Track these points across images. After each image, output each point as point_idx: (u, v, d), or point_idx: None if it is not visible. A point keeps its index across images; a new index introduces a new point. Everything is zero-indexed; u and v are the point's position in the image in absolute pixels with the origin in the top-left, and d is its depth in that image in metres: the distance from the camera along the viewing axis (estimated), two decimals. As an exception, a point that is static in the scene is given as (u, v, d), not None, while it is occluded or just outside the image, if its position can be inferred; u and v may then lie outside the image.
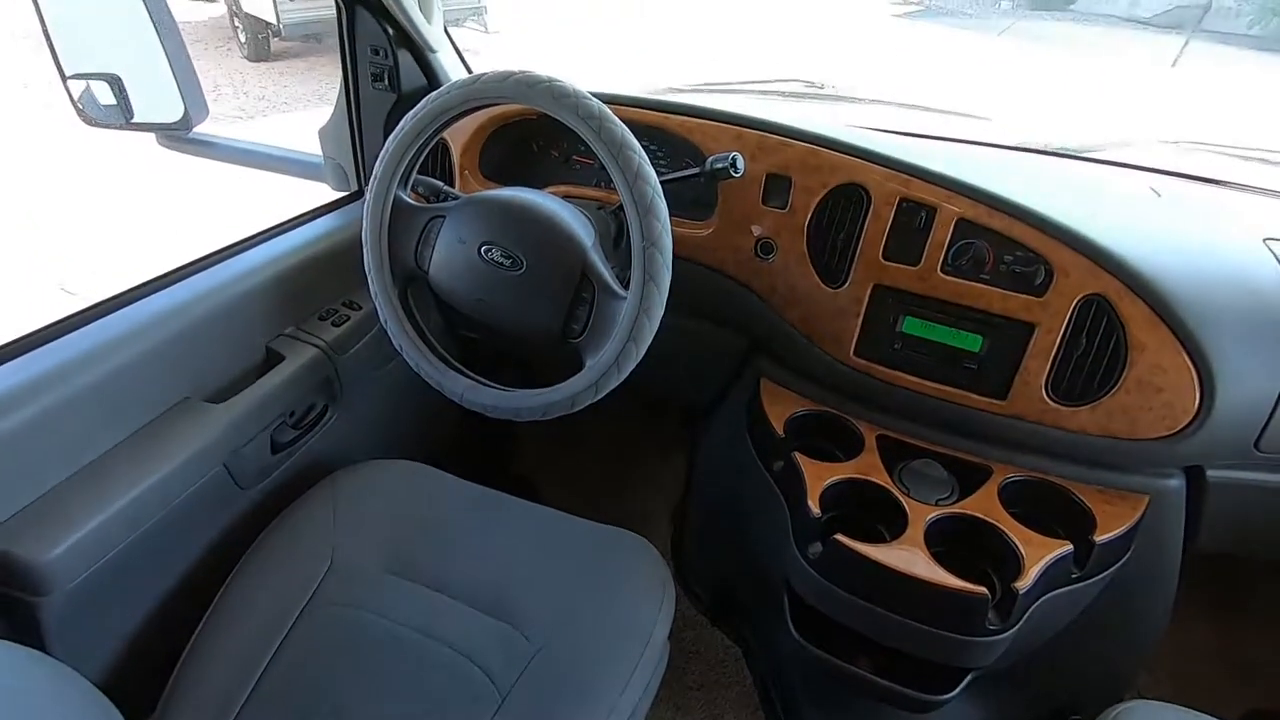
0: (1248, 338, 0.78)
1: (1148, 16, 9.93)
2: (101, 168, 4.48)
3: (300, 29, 6.40)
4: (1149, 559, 0.90)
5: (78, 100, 1.22)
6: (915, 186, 0.87)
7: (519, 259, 0.80)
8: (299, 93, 6.08)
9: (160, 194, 4.16)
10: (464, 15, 6.95)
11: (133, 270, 0.96)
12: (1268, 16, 8.92)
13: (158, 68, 1.15)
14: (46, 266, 3.60)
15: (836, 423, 0.96)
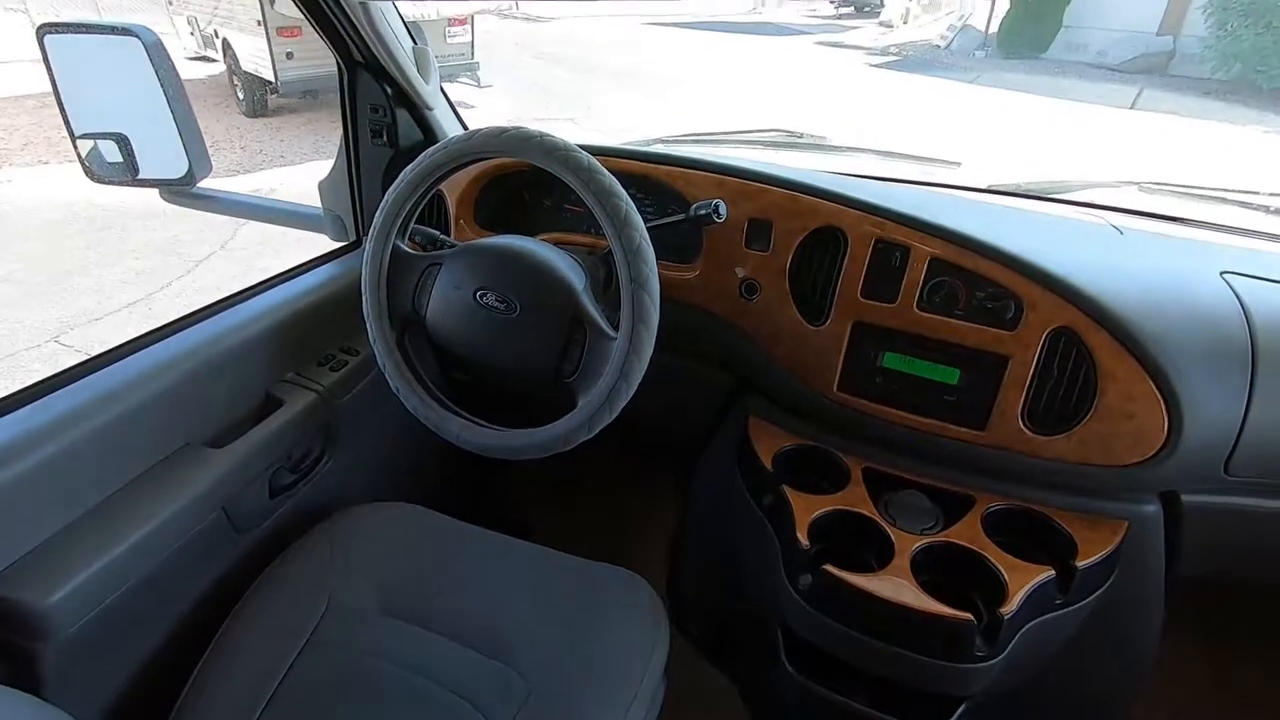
0: (1209, 367, 0.82)
1: (1116, 64, 10.35)
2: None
3: (297, 86, 6.60)
4: (1132, 584, 0.92)
5: (85, 158, 1.26)
6: (889, 228, 0.92)
7: (513, 303, 0.84)
8: (296, 148, 6.23)
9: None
10: (458, 70, 7.18)
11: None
12: (1230, 63, 9.29)
13: (163, 126, 1.20)
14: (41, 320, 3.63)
15: (823, 456, 0.99)
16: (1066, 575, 0.83)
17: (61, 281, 4.05)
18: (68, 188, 5.38)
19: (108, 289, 3.98)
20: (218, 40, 7.52)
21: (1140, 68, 10.18)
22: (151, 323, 0.98)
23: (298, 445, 1.03)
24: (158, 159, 1.24)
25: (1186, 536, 0.92)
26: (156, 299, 3.91)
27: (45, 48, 1.19)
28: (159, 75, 1.16)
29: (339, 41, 1.04)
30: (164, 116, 1.19)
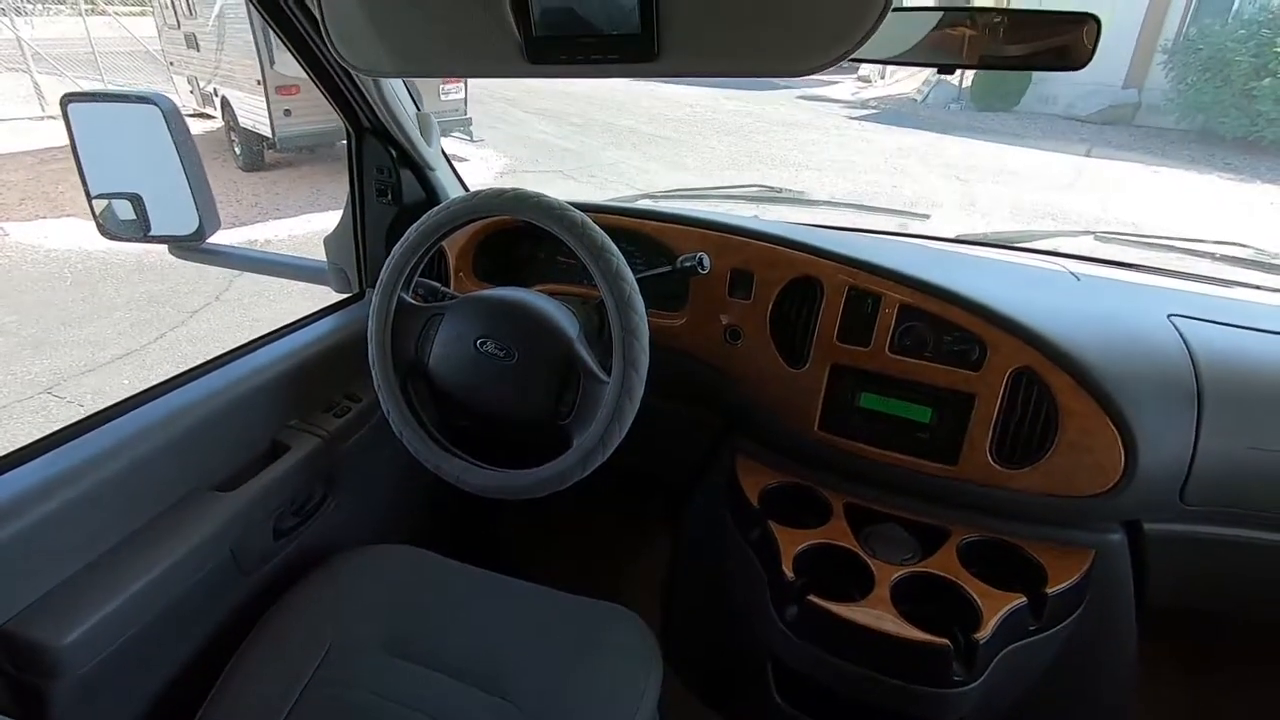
0: (1159, 403, 0.88)
1: (1084, 115, 10.79)
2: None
3: (293, 142, 6.77)
4: (1104, 611, 0.97)
5: (100, 216, 1.32)
6: (861, 278, 0.99)
7: (512, 350, 0.89)
8: (291, 201, 6.34)
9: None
10: (452, 126, 7.39)
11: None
12: (1193, 114, 9.71)
13: (176, 185, 1.27)
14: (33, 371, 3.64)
15: (807, 492, 1.04)
16: (1038, 602, 0.88)
17: (55, 333, 4.08)
18: (63, 241, 5.46)
19: (101, 340, 4.01)
20: (216, 98, 7.72)
21: (1108, 119, 10.62)
22: (145, 373, 1.02)
23: (301, 489, 1.06)
24: (169, 217, 1.30)
25: (1152, 565, 0.97)
26: (150, 350, 3.94)
27: (68, 116, 1.26)
28: (174, 138, 1.23)
29: (348, 109, 1.12)
30: (177, 176, 1.26)
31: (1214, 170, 8.31)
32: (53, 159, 7.84)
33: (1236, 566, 0.99)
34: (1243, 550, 0.96)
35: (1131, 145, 9.41)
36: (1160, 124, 10.15)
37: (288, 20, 0.95)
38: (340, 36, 0.72)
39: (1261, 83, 8.60)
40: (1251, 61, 8.71)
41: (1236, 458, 0.88)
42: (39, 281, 4.81)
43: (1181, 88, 9.71)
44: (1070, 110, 10.90)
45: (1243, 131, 8.94)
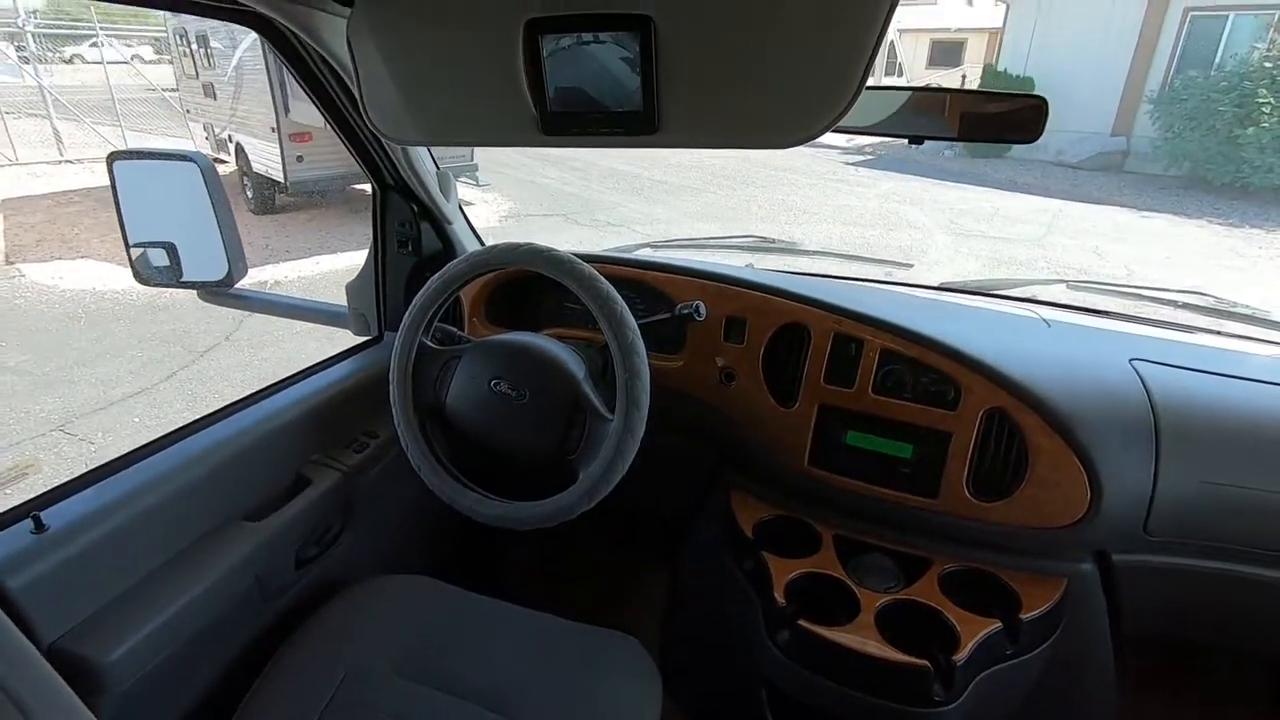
0: (1121, 441, 0.96)
1: (1075, 162, 11.08)
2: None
3: (304, 186, 6.98)
4: (1081, 638, 1.02)
5: (135, 263, 1.41)
6: (846, 324, 1.07)
7: (523, 390, 0.97)
8: (301, 243, 6.50)
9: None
10: (459, 171, 7.61)
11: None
12: (1180, 161, 9.97)
13: (208, 234, 1.36)
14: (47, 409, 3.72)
15: (798, 524, 1.10)
16: (1013, 627, 0.94)
17: (68, 372, 4.16)
18: (78, 281, 5.59)
19: (113, 379, 4.09)
20: (231, 144, 7.97)
21: (1098, 165, 10.90)
22: (155, 411, 1.09)
23: (322, 520, 1.13)
24: (200, 263, 1.39)
25: (1123, 593, 1.03)
26: (160, 389, 4.02)
27: (113, 171, 1.36)
28: (210, 192, 1.33)
29: (374, 168, 1.22)
30: (210, 227, 1.35)
31: (1203, 215, 8.51)
32: (69, 202, 8.06)
33: (1204, 596, 1.05)
34: (1208, 580, 1.02)
35: (1122, 191, 9.64)
36: (1149, 170, 10.42)
37: (326, 93, 1.05)
38: (376, 111, 0.82)
39: (1246, 131, 8.86)
40: (1235, 111, 8.99)
41: (1194, 493, 0.95)
42: (53, 321, 4.92)
43: (1168, 135, 9.99)
44: (1060, 157, 11.19)
45: (1229, 178, 9.18)
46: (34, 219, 7.34)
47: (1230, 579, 1.01)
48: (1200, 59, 10.15)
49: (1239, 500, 0.95)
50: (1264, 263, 6.86)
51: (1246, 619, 1.08)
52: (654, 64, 0.71)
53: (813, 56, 0.68)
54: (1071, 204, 8.84)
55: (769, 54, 0.69)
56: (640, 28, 0.70)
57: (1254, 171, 8.93)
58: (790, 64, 0.69)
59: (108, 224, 7.13)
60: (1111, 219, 8.30)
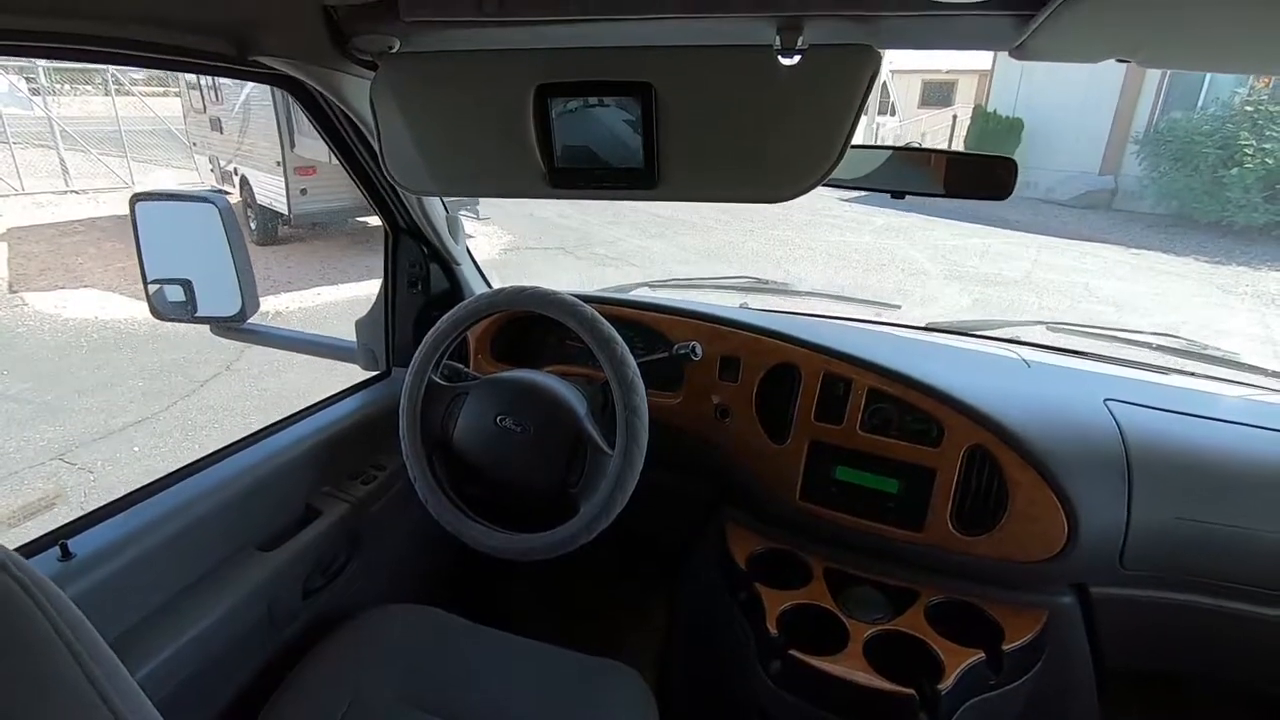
0: (1096, 479, 1.01)
1: (1065, 200, 11.30)
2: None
3: (308, 218, 7.10)
4: (1063, 670, 1.06)
5: (152, 298, 1.47)
6: (834, 364, 1.13)
7: (527, 426, 1.02)
8: (303, 274, 6.58)
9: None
10: (460, 204, 7.74)
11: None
12: (1167, 199, 10.19)
13: (223, 271, 1.41)
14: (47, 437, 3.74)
15: (790, 557, 1.15)
16: (996, 657, 0.97)
17: (69, 401, 4.19)
18: (80, 310, 5.65)
19: (113, 408, 4.11)
20: (236, 177, 8.11)
21: (1087, 203, 11.12)
22: (155, 440, 1.12)
23: (330, 551, 1.17)
24: (215, 299, 1.45)
25: (1102, 626, 1.07)
26: (161, 418, 4.05)
27: (135, 211, 1.42)
28: (226, 232, 1.39)
29: (388, 212, 1.28)
30: (225, 264, 1.41)
31: (1190, 253, 8.67)
32: (72, 231, 8.15)
33: (1183, 629, 1.09)
34: (1186, 613, 1.06)
35: (1111, 228, 9.83)
36: (1137, 208, 10.64)
37: (345, 144, 1.12)
38: (395, 163, 0.89)
39: (1230, 172, 9.09)
40: (1219, 153, 9.23)
41: (1166, 528, 1.00)
42: (55, 350, 4.96)
43: (1155, 175, 10.24)
44: (1050, 195, 11.41)
45: (1214, 216, 9.37)
46: (38, 248, 7.41)
47: (1207, 612, 1.05)
48: (1184, 101, 10.44)
49: (1210, 536, 1.00)
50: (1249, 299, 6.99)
51: (1227, 652, 1.12)
52: (654, 126, 0.77)
53: (801, 119, 0.75)
54: (1061, 241, 9.01)
55: (760, 117, 0.76)
56: (641, 93, 0.77)
57: (1238, 210, 9.13)
58: (780, 126, 0.76)
59: (110, 254, 7.22)
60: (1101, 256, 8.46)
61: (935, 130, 14.20)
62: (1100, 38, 0.66)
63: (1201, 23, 0.60)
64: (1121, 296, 6.77)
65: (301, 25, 0.81)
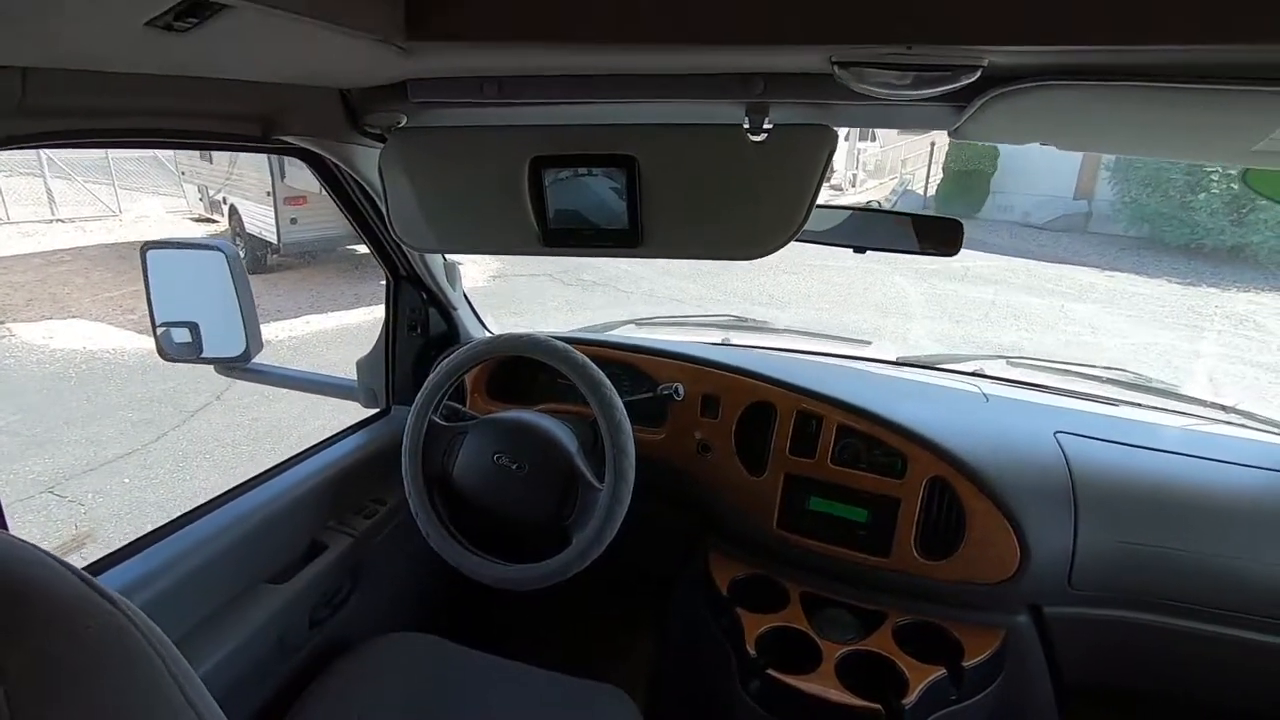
0: (1045, 506, 1.10)
1: (1040, 223, 11.59)
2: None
3: (298, 247, 7.17)
4: (1021, 685, 1.14)
5: (159, 340, 1.54)
6: (807, 402, 1.22)
7: (523, 464, 1.10)
8: (292, 302, 6.64)
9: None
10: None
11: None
12: (1139, 223, 10.49)
13: (229, 314, 1.49)
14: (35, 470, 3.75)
15: (768, 582, 1.23)
16: (957, 674, 1.06)
17: (58, 433, 4.20)
18: (68, 341, 5.66)
19: (103, 440, 4.13)
20: (225, 206, 8.18)
21: (1062, 226, 11.41)
22: (145, 472, 1.18)
23: (335, 582, 1.23)
24: (220, 341, 1.52)
25: (1057, 643, 1.16)
26: (151, 449, 4.07)
27: (145, 260, 1.49)
28: (233, 278, 1.47)
29: (389, 261, 1.37)
30: (232, 307, 1.49)
31: (1162, 275, 8.93)
32: (59, 261, 8.15)
33: (1134, 646, 1.18)
34: (1135, 630, 1.15)
35: (1086, 251, 10.10)
36: (1110, 231, 10.93)
37: (353, 204, 1.21)
38: (400, 224, 0.98)
39: (1198, 197, 9.40)
40: (1186, 179, 9.55)
41: (1110, 551, 1.09)
42: (43, 381, 4.97)
43: (1126, 199, 10.55)
44: (1027, 218, 11.70)
45: (1184, 239, 9.67)
46: (24, 278, 7.42)
47: (1154, 629, 1.14)
48: (1152, 128, 10.76)
49: (1150, 558, 1.09)
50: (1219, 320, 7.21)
51: (1176, 668, 1.20)
52: (637, 192, 0.87)
53: (769, 188, 0.85)
54: (1038, 264, 9.25)
55: (732, 186, 0.86)
56: (626, 165, 0.86)
57: (1207, 234, 9.43)
58: (750, 193, 0.86)
59: (99, 283, 7.24)
60: (1077, 278, 8.69)
61: (914, 155, 14.54)
62: (1020, 128, 0.77)
63: (1099, 119, 0.71)
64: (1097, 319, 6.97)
65: (320, 109, 0.90)
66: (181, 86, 0.70)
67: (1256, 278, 8.59)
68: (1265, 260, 8.84)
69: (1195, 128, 0.71)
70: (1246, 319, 7.31)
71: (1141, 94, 0.62)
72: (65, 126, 0.64)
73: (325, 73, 0.83)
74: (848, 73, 0.67)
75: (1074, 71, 0.63)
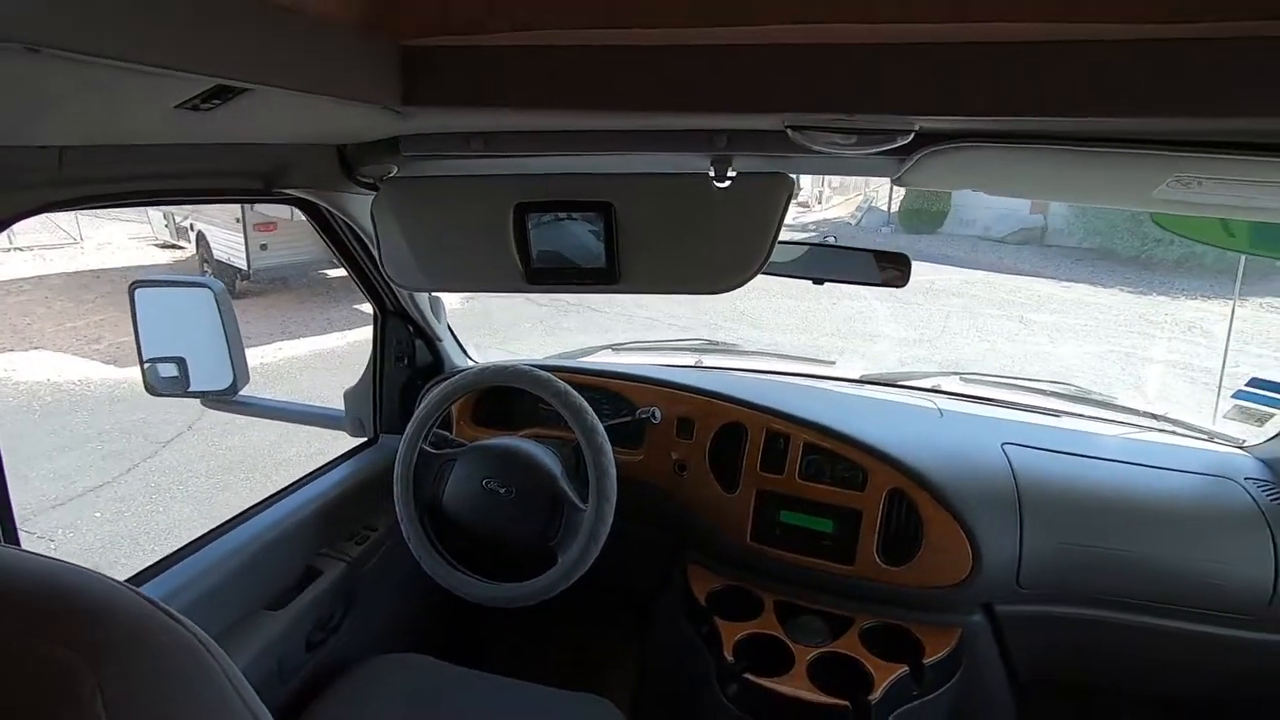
0: (993, 513, 1.20)
1: (999, 237, 11.98)
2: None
3: (268, 274, 7.14)
4: (980, 681, 1.23)
5: (146, 375, 1.57)
6: (775, 422, 1.31)
7: (511, 488, 1.17)
8: (262, 329, 6.57)
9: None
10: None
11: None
12: (1092, 235, 10.92)
13: (216, 349, 1.53)
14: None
15: (744, 592, 1.31)
16: (918, 670, 1.14)
17: (24, 467, 4.12)
18: (32, 373, 5.55)
19: (72, 474, 4.06)
20: (192, 233, 8.11)
21: (1020, 239, 11.81)
22: (118, 505, 1.21)
23: (330, 606, 1.28)
24: (207, 375, 1.56)
25: (1010, 640, 1.25)
26: (122, 481, 4.02)
27: (134, 298, 1.53)
28: (220, 313, 1.51)
29: (376, 296, 1.43)
30: (219, 342, 1.53)
31: (1115, 285, 9.30)
32: (19, 290, 7.97)
33: (1081, 640, 1.27)
34: (1081, 625, 1.24)
35: (1043, 263, 10.47)
36: (1066, 244, 11.35)
37: (344, 246, 1.27)
38: (391, 265, 1.05)
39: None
40: (1133, 193, 9.96)
41: (1053, 552, 1.19)
42: (7, 414, 4.87)
43: (1079, 212, 10.97)
44: (987, 233, 12.08)
45: (1135, 251, 10.09)
46: (-18, 310, 7.25)
47: (1097, 623, 1.24)
48: (1101, 145, 11.23)
49: (1089, 558, 1.19)
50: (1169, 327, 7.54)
51: (1119, 659, 1.30)
52: (614, 235, 0.96)
53: (733, 229, 0.94)
54: (999, 276, 9.56)
55: (701, 228, 0.95)
56: (603, 210, 0.95)
57: (1155, 245, 9.85)
58: (717, 235, 0.95)
59: (62, 313, 7.10)
60: (1036, 289, 9.01)
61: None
62: (952, 178, 0.88)
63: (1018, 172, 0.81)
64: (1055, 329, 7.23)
65: (318, 163, 0.97)
66: (197, 152, 0.77)
67: (1202, 286, 8.99)
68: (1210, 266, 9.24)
69: (1099, 180, 0.82)
70: (1194, 325, 7.65)
71: (1051, 153, 0.73)
72: (95, 192, 0.71)
73: (325, 133, 0.90)
74: (800, 134, 0.76)
75: (992, 135, 0.73)
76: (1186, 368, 6.25)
